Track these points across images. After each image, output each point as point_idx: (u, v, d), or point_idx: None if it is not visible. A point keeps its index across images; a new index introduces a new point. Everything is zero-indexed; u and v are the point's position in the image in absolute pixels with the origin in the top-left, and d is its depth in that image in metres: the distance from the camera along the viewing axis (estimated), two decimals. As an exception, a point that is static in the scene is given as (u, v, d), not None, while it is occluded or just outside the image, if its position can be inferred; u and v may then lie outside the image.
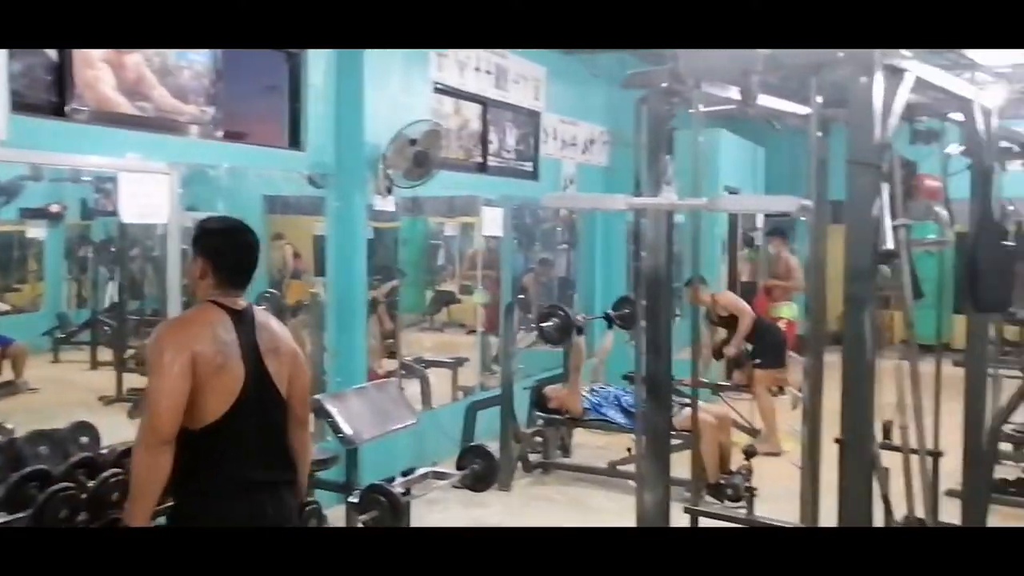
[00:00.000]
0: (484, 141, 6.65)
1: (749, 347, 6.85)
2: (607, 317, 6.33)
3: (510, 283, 7.31)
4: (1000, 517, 5.06)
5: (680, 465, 3.67)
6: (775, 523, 3.02)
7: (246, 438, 2.40)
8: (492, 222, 6.83)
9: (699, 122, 2.98)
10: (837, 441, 2.88)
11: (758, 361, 6.73)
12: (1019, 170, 5.52)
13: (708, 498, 5.41)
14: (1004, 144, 5.23)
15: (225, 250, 2.49)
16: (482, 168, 6.67)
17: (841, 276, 2.75)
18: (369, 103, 5.31)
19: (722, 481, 5.39)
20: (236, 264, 2.50)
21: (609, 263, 8.33)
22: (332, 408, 4.57)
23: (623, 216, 7.81)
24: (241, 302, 2.51)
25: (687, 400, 5.52)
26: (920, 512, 2.99)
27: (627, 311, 6.10)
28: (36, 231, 6.56)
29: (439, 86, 6.02)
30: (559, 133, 7.58)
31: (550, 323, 5.87)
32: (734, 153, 8.75)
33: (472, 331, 7.35)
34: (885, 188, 2.71)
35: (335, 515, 4.80)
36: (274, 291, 6.10)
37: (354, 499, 4.52)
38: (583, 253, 8.37)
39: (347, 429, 4.51)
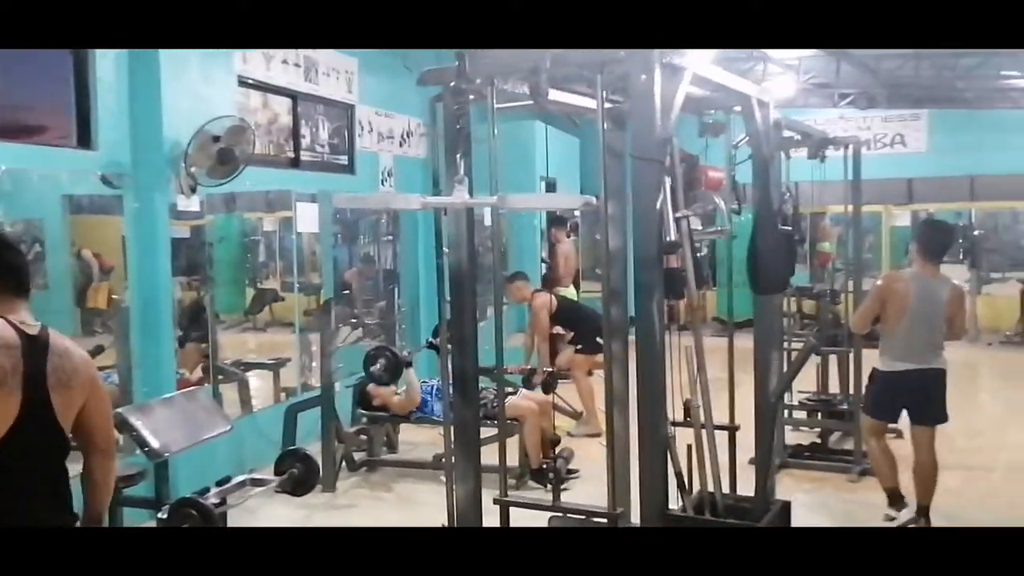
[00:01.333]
0: (296, 136, 6.49)
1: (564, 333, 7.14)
2: (430, 345, 6.27)
3: (331, 279, 7.18)
4: (794, 480, 5.49)
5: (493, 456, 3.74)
6: (581, 507, 3.13)
7: (11, 475, 2.21)
8: (307, 218, 6.68)
9: (494, 118, 3.02)
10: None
11: (578, 347, 6.95)
12: (802, 157, 5.98)
13: (532, 483, 5.56)
14: (789, 134, 5.65)
15: None
16: (295, 163, 6.51)
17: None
18: (167, 97, 5.05)
19: (544, 466, 5.52)
20: (5, 269, 2.31)
21: (432, 255, 8.33)
22: (136, 421, 4.34)
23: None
24: (32, 324, 2.30)
25: (509, 389, 5.66)
26: (711, 487, 3.17)
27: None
28: None
29: (244, 79, 5.82)
30: (375, 126, 7.50)
31: (377, 365, 5.76)
32: (551, 144, 8.95)
33: (297, 330, 7.17)
34: (668, 181, 2.86)
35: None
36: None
37: (163, 515, 4.33)
38: (406, 246, 8.33)
39: (153, 442, 4.30)
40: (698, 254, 3.13)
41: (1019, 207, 11.96)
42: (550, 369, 6.70)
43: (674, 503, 3.11)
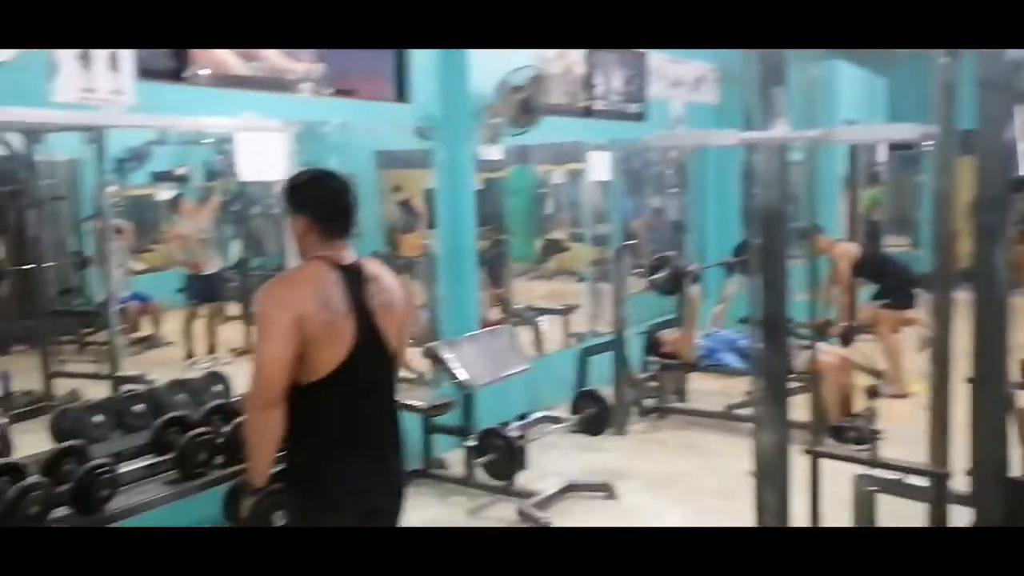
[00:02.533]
0: (589, 84, 6.55)
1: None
2: (726, 264, 6.19)
3: (620, 228, 7.23)
4: None
5: (801, 409, 3.59)
6: (904, 464, 2.92)
7: (355, 395, 2.37)
8: (600, 167, 6.75)
9: (808, 54, 2.85)
10: (969, 381, 2.75)
11: (886, 301, 6.47)
12: None
13: (831, 441, 5.30)
14: None
15: (318, 199, 2.43)
16: (588, 112, 6.58)
17: (968, 211, 2.60)
18: (473, 52, 5.30)
19: (845, 424, 5.25)
20: (332, 211, 2.42)
21: (722, 207, 8.12)
22: (448, 355, 4.67)
23: (735, 157, 7.59)
24: (349, 255, 2.42)
25: (807, 342, 5.41)
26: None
27: (746, 256, 5.94)
28: (165, 193, 6.87)
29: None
30: (666, 72, 7.39)
31: (661, 273, 5.77)
32: (853, 85, 8.34)
33: (583, 279, 7.34)
34: (1019, 111, 2.55)
35: (453, 458, 4.95)
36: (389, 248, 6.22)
37: (471, 443, 4.64)
38: (695, 197, 8.19)
39: (463, 375, 4.61)
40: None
41: None
42: (848, 323, 6.32)
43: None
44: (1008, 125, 2.50)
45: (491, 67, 5.32)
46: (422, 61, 5.20)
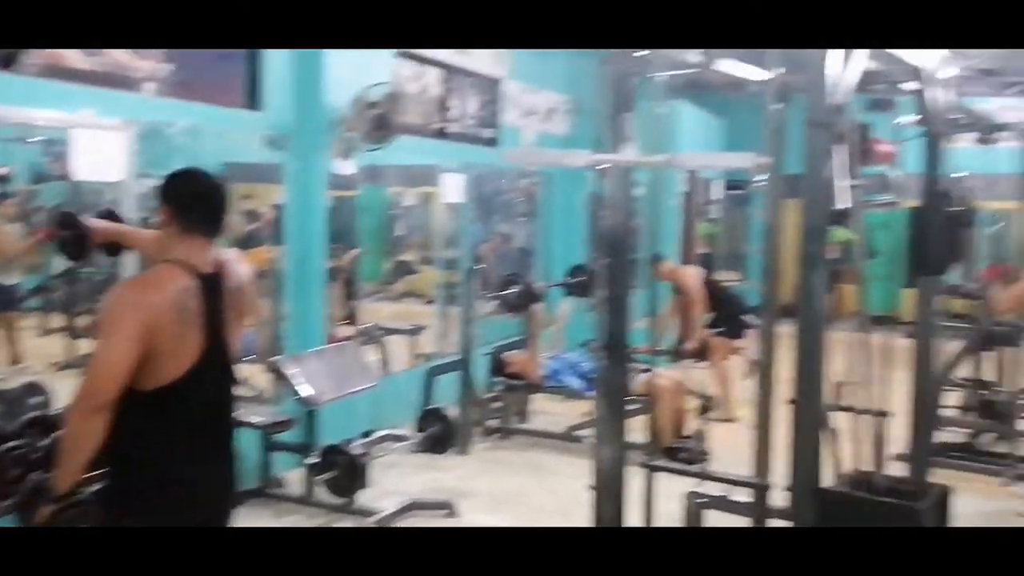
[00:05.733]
0: (444, 107, 6.62)
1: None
2: (563, 284, 6.39)
3: (470, 251, 7.30)
4: (940, 478, 5.24)
5: (636, 430, 3.74)
6: (730, 475, 3.10)
7: (193, 406, 2.30)
8: (453, 190, 6.82)
9: (659, 87, 3.02)
10: (791, 402, 2.96)
11: (720, 330, 6.82)
12: (967, 146, 5.69)
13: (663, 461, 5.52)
14: (956, 116, 5.38)
15: (183, 191, 2.35)
16: (442, 134, 6.64)
17: (793, 247, 2.81)
18: (329, 63, 5.25)
19: (677, 444, 5.48)
20: (195, 205, 2.33)
21: (568, 234, 8.37)
22: (291, 370, 4.57)
23: (582, 186, 7.85)
24: (209, 261, 2.33)
25: (645, 366, 5.63)
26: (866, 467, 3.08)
27: (582, 278, 6.16)
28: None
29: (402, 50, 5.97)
30: (520, 101, 7.57)
31: (510, 291, 5.90)
32: (694, 125, 8.82)
33: (430, 301, 7.36)
34: (839, 149, 2.78)
35: (293, 476, 4.82)
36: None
37: (312, 460, 4.54)
38: (542, 222, 8.39)
39: (306, 390, 4.51)
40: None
41: None
42: (696, 345, 6.63)
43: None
44: (828, 163, 2.72)
45: (347, 80, 5.29)
46: (276, 68, 5.10)
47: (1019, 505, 4.83)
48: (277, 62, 5.11)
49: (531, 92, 7.73)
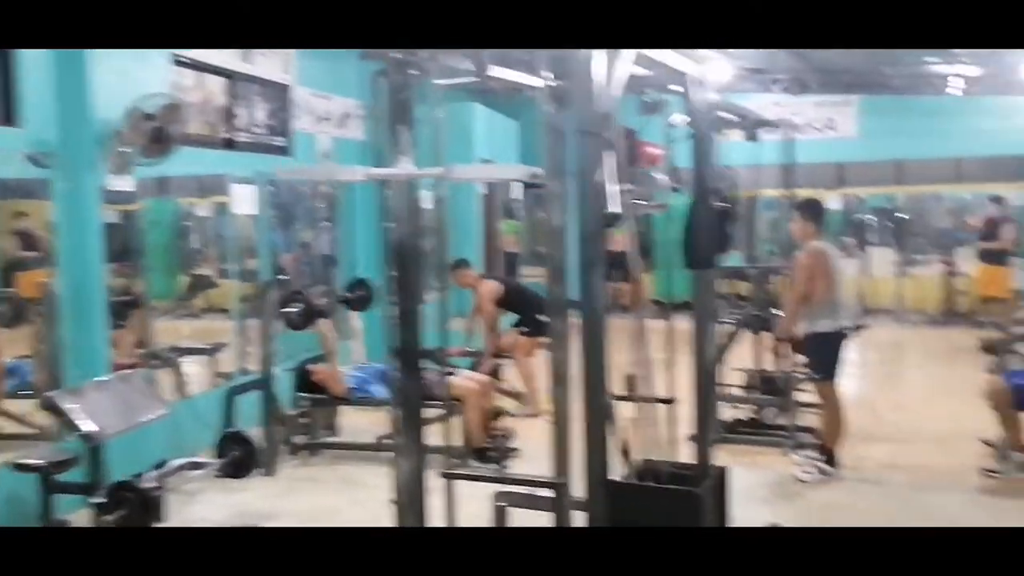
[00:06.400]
0: (230, 116, 6.36)
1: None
2: (343, 300, 6.29)
3: (269, 263, 7.08)
4: (730, 453, 5.61)
5: (438, 435, 3.75)
6: (526, 477, 3.16)
7: None
8: (244, 200, 6.57)
9: (437, 94, 3.02)
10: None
11: (523, 329, 6.97)
12: (738, 140, 6.14)
13: (474, 463, 5.58)
14: (724, 115, 5.77)
15: None
16: (230, 144, 6.38)
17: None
18: (95, 74, 4.91)
19: (487, 445, 5.56)
20: None
21: (372, 241, 8.28)
22: (69, 405, 4.25)
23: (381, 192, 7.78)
24: None
25: (451, 369, 5.67)
26: (656, 456, 3.23)
27: (361, 293, 6.10)
28: None
29: (179, 58, 5.68)
30: (312, 107, 7.40)
31: (292, 309, 5.74)
32: (489, 126, 8.96)
33: (231, 316, 7.06)
34: (610, 156, 2.89)
35: (79, 518, 4.49)
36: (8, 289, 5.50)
37: (99, 499, 4.24)
38: (344, 230, 8.25)
39: (88, 425, 4.21)
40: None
41: (943, 191, 12.35)
42: (498, 361, 6.76)
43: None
44: (599, 169, 2.82)
45: (117, 91, 4.96)
46: (35, 79, 4.71)
47: (797, 472, 5.23)
48: (36, 72, 4.72)
49: (323, 98, 7.58)
